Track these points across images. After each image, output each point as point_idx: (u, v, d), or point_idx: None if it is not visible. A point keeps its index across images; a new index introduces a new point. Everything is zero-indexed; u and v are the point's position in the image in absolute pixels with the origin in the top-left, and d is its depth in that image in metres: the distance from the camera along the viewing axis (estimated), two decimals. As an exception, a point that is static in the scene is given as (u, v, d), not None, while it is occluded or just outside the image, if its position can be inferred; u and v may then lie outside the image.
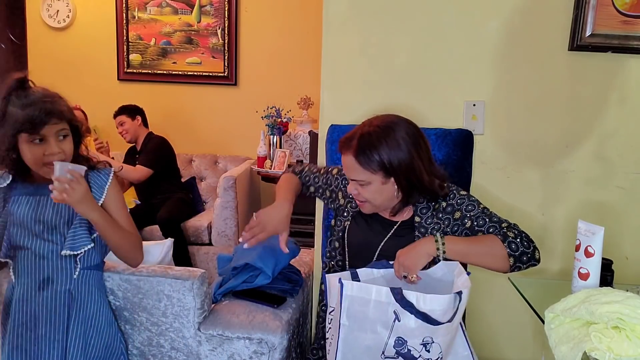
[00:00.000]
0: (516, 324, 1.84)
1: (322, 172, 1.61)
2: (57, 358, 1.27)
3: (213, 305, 1.53)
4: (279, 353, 1.42)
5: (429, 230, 1.39)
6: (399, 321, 1.12)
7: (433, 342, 1.12)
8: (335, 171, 1.57)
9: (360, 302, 1.14)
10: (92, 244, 1.30)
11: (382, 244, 1.40)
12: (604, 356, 0.96)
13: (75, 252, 1.28)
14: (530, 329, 1.83)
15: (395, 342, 1.13)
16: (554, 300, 1.11)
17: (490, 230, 1.35)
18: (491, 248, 1.29)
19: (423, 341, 1.12)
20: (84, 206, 1.24)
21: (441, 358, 1.14)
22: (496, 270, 1.33)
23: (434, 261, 1.30)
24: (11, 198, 1.29)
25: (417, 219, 1.41)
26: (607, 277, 1.31)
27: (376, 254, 1.40)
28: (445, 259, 1.28)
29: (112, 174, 1.36)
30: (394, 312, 1.12)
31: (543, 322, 1.16)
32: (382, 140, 1.30)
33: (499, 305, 1.85)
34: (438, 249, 1.26)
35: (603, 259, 1.25)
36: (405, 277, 1.26)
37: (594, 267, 1.24)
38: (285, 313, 1.51)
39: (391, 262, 1.32)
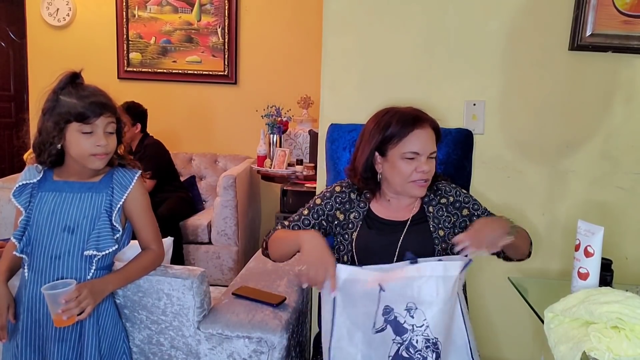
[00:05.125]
0: (516, 324, 1.84)
1: (305, 213, 1.47)
2: (72, 358, 1.28)
3: (212, 304, 1.53)
4: (279, 352, 1.42)
5: (442, 221, 1.42)
6: (383, 291, 1.22)
7: (416, 308, 1.21)
8: (318, 201, 1.47)
9: (351, 282, 1.25)
10: (117, 246, 1.30)
11: (400, 241, 1.39)
12: (603, 356, 0.96)
13: (100, 253, 1.27)
14: (530, 329, 1.83)
15: (383, 310, 1.22)
16: (554, 300, 1.11)
17: None
18: (526, 235, 1.40)
19: (407, 307, 1.22)
20: (101, 295, 1.28)
21: (427, 327, 1.20)
22: (520, 257, 1.41)
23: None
24: (38, 194, 1.30)
25: (430, 209, 1.43)
26: (606, 277, 1.32)
27: (396, 252, 1.39)
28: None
29: (137, 176, 1.36)
30: (379, 284, 1.23)
31: (543, 322, 1.16)
32: None
33: (499, 305, 1.85)
34: (513, 226, 1.28)
35: (603, 258, 1.26)
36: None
37: (593, 267, 1.25)
38: (284, 312, 1.51)
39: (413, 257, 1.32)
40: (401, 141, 1.35)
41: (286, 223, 1.47)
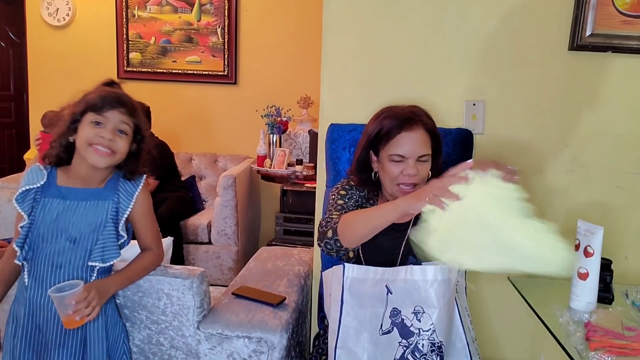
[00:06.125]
0: (516, 324, 1.84)
1: (342, 203, 1.42)
2: None
3: (212, 304, 1.53)
4: (278, 352, 1.42)
5: None
6: (391, 294, 1.23)
7: (424, 312, 1.21)
8: (343, 192, 1.45)
9: (358, 281, 1.26)
10: (120, 255, 1.30)
11: (403, 244, 1.40)
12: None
13: (105, 264, 1.27)
14: (530, 329, 1.83)
15: (391, 312, 1.23)
16: (554, 300, 1.12)
17: None
18: None
19: (414, 310, 1.22)
20: (106, 295, 1.28)
21: (434, 331, 1.20)
22: None
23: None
24: (42, 200, 1.27)
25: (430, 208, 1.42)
26: (606, 277, 1.32)
27: (400, 254, 1.39)
28: None
29: (142, 182, 1.36)
30: (386, 286, 1.24)
31: (543, 322, 1.16)
32: (430, 114, 1.41)
33: (499, 305, 1.85)
34: None
35: (602, 258, 1.26)
36: None
37: (593, 266, 1.25)
38: (284, 312, 1.51)
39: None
40: (389, 143, 1.34)
41: (336, 214, 1.35)
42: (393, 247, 1.40)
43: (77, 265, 1.27)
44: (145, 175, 1.38)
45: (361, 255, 1.42)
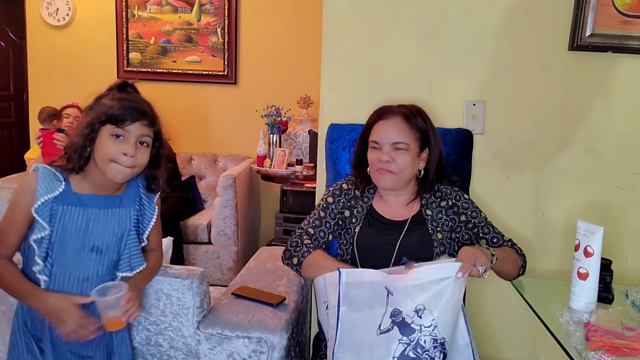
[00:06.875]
0: (516, 324, 1.84)
1: (322, 215, 1.47)
2: None
3: (212, 304, 1.53)
4: (278, 352, 1.41)
5: (440, 224, 1.42)
6: (392, 295, 1.21)
7: (425, 309, 1.20)
8: (330, 199, 1.49)
9: (355, 285, 1.24)
10: (145, 263, 1.30)
11: (399, 242, 1.40)
12: None
13: (132, 273, 1.26)
14: (530, 329, 1.83)
15: (391, 313, 1.22)
16: (554, 300, 1.11)
17: (494, 240, 1.41)
18: (514, 257, 1.39)
19: (416, 308, 1.20)
20: (141, 292, 1.30)
21: (435, 327, 1.19)
22: (508, 277, 1.40)
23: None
24: (59, 208, 1.18)
25: (428, 212, 1.43)
26: (606, 277, 1.31)
27: (395, 253, 1.40)
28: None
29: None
30: (386, 287, 1.22)
31: (543, 322, 1.16)
32: (425, 113, 1.43)
33: (499, 305, 1.86)
34: (493, 255, 1.29)
35: (602, 258, 1.25)
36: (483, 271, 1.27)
37: (593, 267, 1.24)
38: (284, 312, 1.51)
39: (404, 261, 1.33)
40: (369, 132, 1.42)
41: (311, 231, 1.45)
42: (388, 247, 1.40)
43: (103, 276, 1.23)
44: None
45: (356, 256, 1.43)
